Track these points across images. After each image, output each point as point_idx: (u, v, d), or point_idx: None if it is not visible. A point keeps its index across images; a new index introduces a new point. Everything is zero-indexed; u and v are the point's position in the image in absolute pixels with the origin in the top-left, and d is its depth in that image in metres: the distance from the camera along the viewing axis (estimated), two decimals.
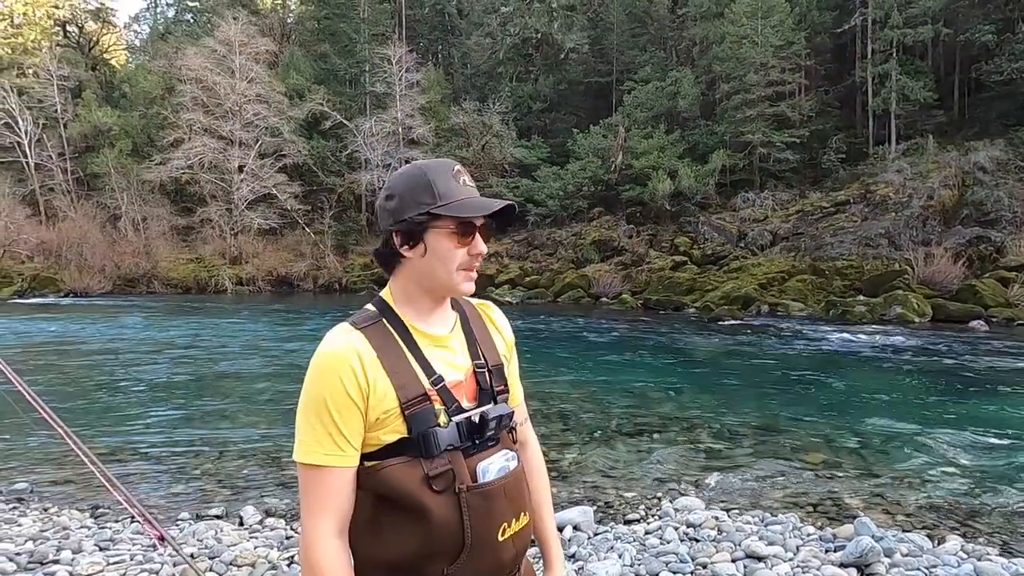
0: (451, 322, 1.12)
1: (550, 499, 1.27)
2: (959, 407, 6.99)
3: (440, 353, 1.06)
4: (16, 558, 3.11)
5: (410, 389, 1.00)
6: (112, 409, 7.00)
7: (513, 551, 1.04)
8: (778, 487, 4.37)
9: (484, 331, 1.15)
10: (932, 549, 3.11)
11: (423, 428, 0.98)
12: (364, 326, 1.03)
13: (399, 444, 0.99)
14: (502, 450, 1.06)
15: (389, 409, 0.98)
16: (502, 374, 1.13)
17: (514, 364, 1.22)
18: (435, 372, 1.03)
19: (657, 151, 25.42)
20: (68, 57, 37.10)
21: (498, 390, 1.10)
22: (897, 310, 15.48)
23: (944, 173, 20.50)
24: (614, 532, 3.37)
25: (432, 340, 1.07)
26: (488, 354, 1.12)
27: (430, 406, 1.00)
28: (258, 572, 2.98)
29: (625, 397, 7.63)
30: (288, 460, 5.07)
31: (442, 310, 1.11)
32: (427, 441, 0.98)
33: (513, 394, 1.18)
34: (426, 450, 0.98)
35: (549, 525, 1.25)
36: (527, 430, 1.25)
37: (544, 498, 1.24)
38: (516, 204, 1.09)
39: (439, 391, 1.02)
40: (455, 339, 1.10)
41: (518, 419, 1.17)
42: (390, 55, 29.18)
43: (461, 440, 1.01)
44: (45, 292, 25.16)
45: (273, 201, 29.46)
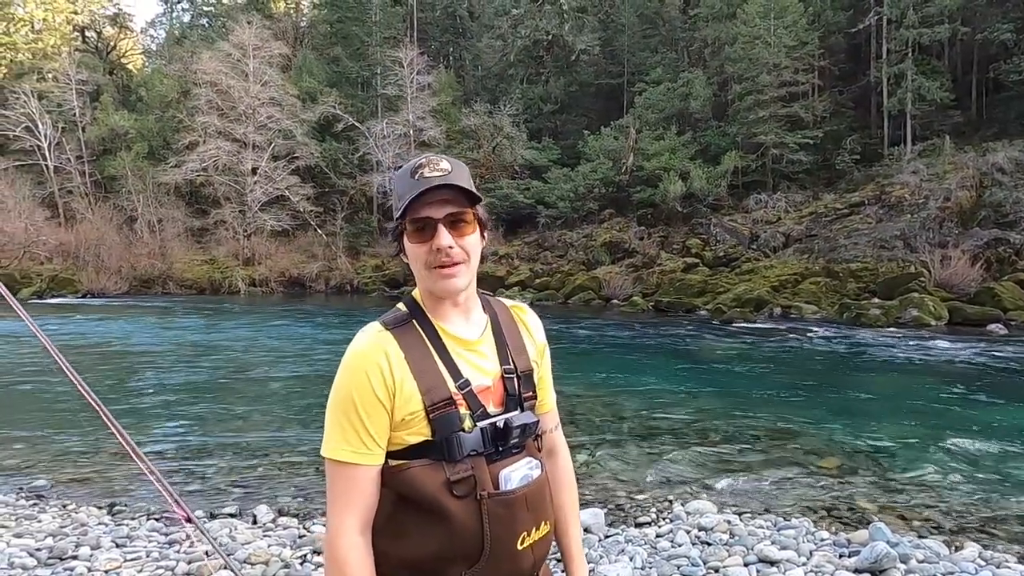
0: (481, 325, 1.10)
1: (578, 513, 1.23)
2: (977, 412, 6.86)
3: (469, 356, 1.06)
4: (36, 553, 3.17)
5: (436, 392, 0.99)
6: (127, 409, 7.10)
7: (532, 559, 1.03)
8: (791, 491, 4.31)
9: (516, 335, 1.13)
10: (949, 556, 3.05)
11: (447, 432, 0.98)
12: (394, 327, 1.03)
13: (423, 446, 0.99)
14: (526, 458, 1.05)
15: (415, 411, 0.98)
16: (531, 381, 1.11)
17: (545, 368, 1.19)
18: (462, 376, 1.02)
19: (668, 152, 25.30)
20: (86, 62, 37.79)
21: (526, 396, 1.09)
22: (913, 313, 15.23)
23: (961, 174, 20.16)
24: (625, 535, 3.35)
25: (462, 343, 1.06)
26: (518, 360, 1.10)
27: (455, 410, 1.00)
28: (271, 570, 3.01)
29: (636, 399, 7.58)
30: (300, 461, 5.11)
31: (467, 311, 1.09)
32: (450, 445, 0.98)
33: (543, 400, 1.17)
34: (449, 454, 0.98)
35: (575, 540, 1.20)
36: (557, 438, 1.21)
37: (571, 513, 1.20)
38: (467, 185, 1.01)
39: (465, 395, 1.01)
40: (485, 343, 1.08)
41: (548, 425, 1.17)
42: (401, 58, 29.35)
43: (485, 446, 1.00)
44: (63, 293, 25.59)
45: (286, 203, 29.75)
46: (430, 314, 1.06)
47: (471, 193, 1.02)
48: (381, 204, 30.60)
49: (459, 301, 1.07)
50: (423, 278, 1.05)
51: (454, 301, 1.07)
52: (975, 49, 24.04)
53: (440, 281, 1.02)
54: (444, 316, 1.07)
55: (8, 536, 3.39)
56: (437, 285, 1.03)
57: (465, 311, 1.08)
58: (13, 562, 3.06)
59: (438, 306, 1.07)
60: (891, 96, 23.77)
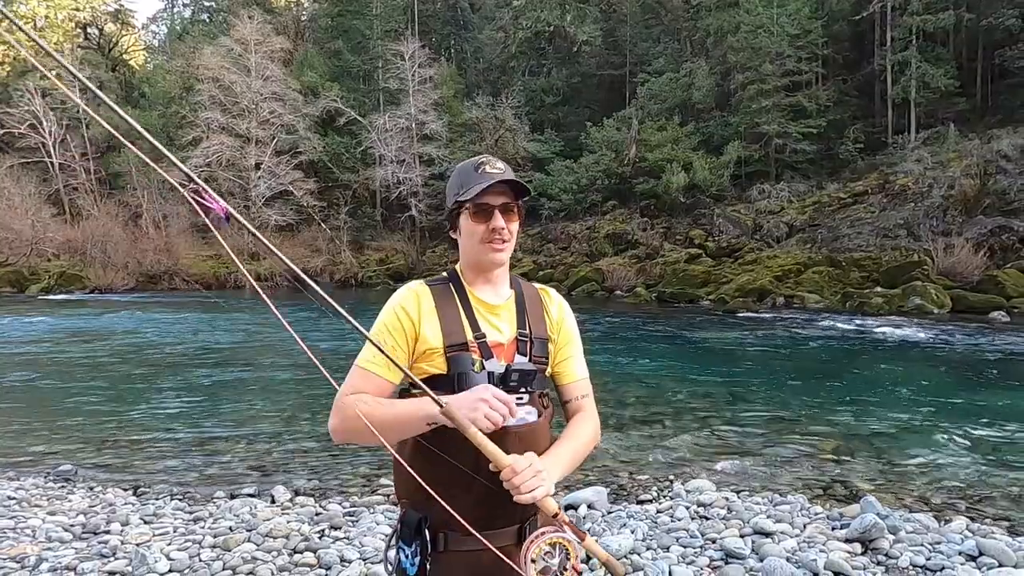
0: (505, 295, 1.33)
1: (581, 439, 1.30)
2: (975, 397, 6.94)
3: (490, 318, 1.28)
4: (71, 529, 3.33)
5: (454, 336, 1.23)
6: (144, 398, 7.26)
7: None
8: (789, 472, 4.42)
9: (537, 309, 1.34)
10: (937, 528, 3.15)
11: (459, 369, 1.20)
12: (432, 284, 1.30)
13: (438, 378, 1.20)
14: (526, 406, 1.24)
15: (435, 347, 1.22)
16: (544, 346, 1.31)
17: (565, 342, 1.35)
18: (479, 330, 1.25)
19: (671, 143, 25.26)
20: (89, 59, 37.91)
21: (536, 357, 1.28)
22: (915, 301, 15.26)
23: (966, 162, 20.08)
24: (627, 511, 3.47)
25: (486, 307, 1.29)
26: (534, 326, 1.31)
27: (468, 354, 1.22)
28: (292, 543, 3.14)
29: (639, 387, 7.69)
30: (312, 447, 5.25)
31: (495, 284, 1.33)
32: (460, 380, 1.19)
33: (563, 371, 1.34)
34: (459, 387, 1.18)
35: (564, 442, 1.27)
36: (584, 404, 1.35)
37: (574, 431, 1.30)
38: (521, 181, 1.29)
39: (479, 344, 1.23)
40: (506, 310, 1.31)
41: (573, 394, 1.34)
42: (403, 51, 29.31)
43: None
44: (71, 289, 25.81)
45: (289, 198, 29.86)
46: (465, 282, 1.31)
47: (521, 190, 1.29)
48: (384, 198, 30.67)
49: (493, 275, 1.32)
50: (475, 251, 1.29)
51: (488, 275, 1.30)
52: (980, 36, 23.86)
53: (491, 254, 1.27)
54: (476, 285, 1.31)
55: (42, 514, 3.54)
56: (487, 256, 1.28)
57: (495, 285, 1.33)
58: (50, 536, 3.21)
59: (474, 277, 1.32)
60: (895, 84, 23.64)
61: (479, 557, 1.14)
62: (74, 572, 2.85)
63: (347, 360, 1.25)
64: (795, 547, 2.94)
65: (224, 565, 2.91)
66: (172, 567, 2.87)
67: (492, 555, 1.10)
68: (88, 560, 2.94)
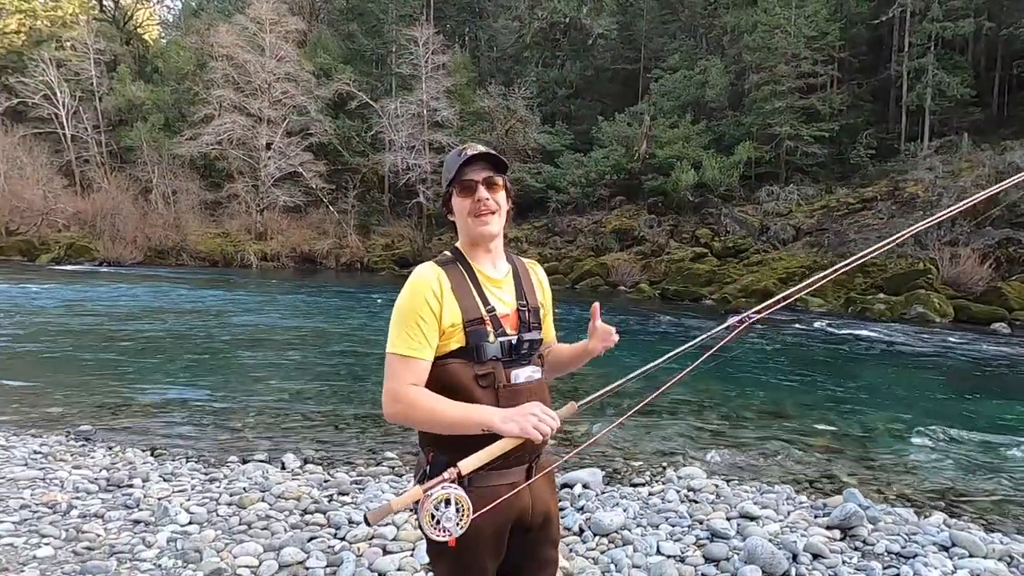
0: (504, 270, 1.51)
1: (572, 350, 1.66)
2: (967, 404, 7.08)
3: (495, 291, 1.46)
4: (96, 481, 3.54)
5: (471, 312, 1.40)
6: (157, 367, 7.47)
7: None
8: (778, 464, 4.58)
9: (529, 282, 1.55)
10: (916, 521, 3.31)
11: (477, 341, 1.38)
12: (443, 265, 1.44)
13: (460, 351, 1.38)
14: (532, 366, 1.47)
15: (455, 324, 1.38)
16: (538, 314, 1.53)
17: (549, 311, 1.63)
18: (490, 303, 1.43)
19: (682, 141, 25.22)
20: (104, 31, 37.89)
21: (533, 324, 1.49)
22: (918, 309, 15.34)
23: (977, 172, 20.03)
24: (620, 492, 3.65)
25: (491, 281, 1.47)
26: (529, 298, 1.52)
27: (483, 327, 1.40)
28: (303, 504, 3.33)
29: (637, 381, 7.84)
30: (320, 420, 5.44)
31: (494, 258, 1.50)
32: (479, 350, 1.38)
33: (547, 331, 1.61)
34: (478, 357, 1.38)
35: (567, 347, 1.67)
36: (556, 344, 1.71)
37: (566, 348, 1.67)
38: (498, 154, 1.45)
39: (491, 318, 1.41)
40: (507, 283, 1.50)
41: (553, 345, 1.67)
42: (417, 36, 29.26)
43: (503, 354, 1.41)
44: (80, 260, 26.12)
45: (298, 179, 29.99)
46: (468, 259, 1.47)
47: (500, 164, 1.45)
48: (393, 184, 30.78)
49: (490, 248, 1.47)
50: (466, 226, 1.45)
51: (486, 247, 1.47)
52: (999, 45, 23.67)
53: (479, 226, 1.43)
54: (479, 260, 1.47)
55: (68, 468, 3.75)
56: (476, 229, 1.43)
57: (493, 258, 1.49)
58: (78, 487, 3.41)
59: (475, 253, 1.47)
60: (910, 91, 23.51)
61: (497, 490, 1.34)
62: (102, 519, 3.05)
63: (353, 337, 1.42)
64: (778, 531, 3.11)
65: (240, 520, 3.10)
66: (192, 519, 3.07)
67: (507, 487, 1.35)
68: (114, 510, 3.14)
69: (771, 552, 2.76)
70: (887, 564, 2.84)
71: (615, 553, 2.87)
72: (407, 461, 4.32)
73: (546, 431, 1.29)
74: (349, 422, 5.41)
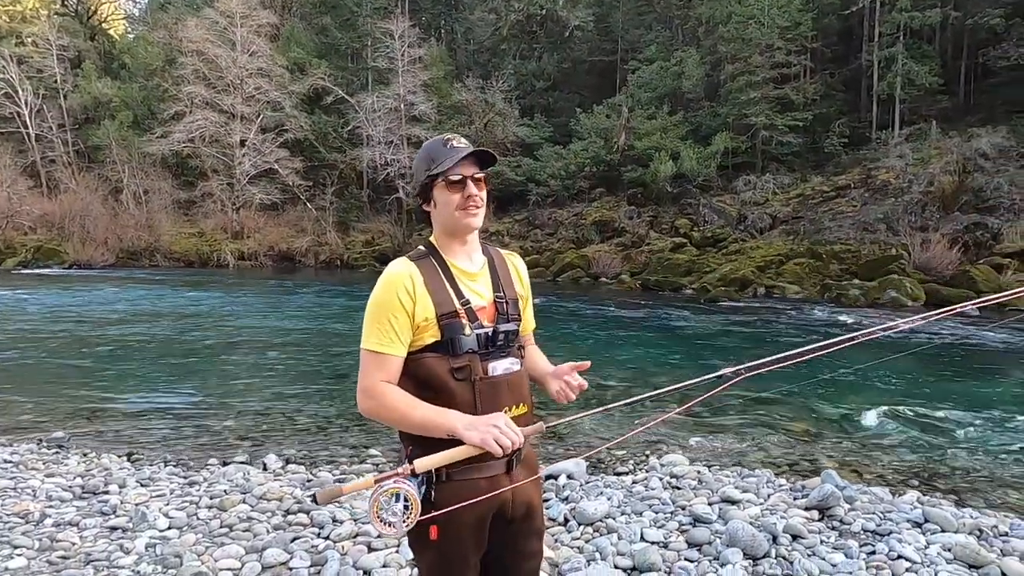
0: (480, 262, 1.50)
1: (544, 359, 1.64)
2: (937, 384, 7.29)
3: (470, 284, 1.45)
4: (70, 489, 3.44)
5: (445, 306, 1.39)
6: (131, 372, 7.30)
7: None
8: (759, 449, 4.67)
9: (507, 273, 1.54)
10: (891, 500, 3.41)
11: (451, 334, 1.37)
12: (416, 259, 1.43)
13: (435, 344, 1.38)
14: (510, 357, 1.46)
15: (429, 318, 1.38)
16: (517, 305, 1.51)
17: (529, 301, 1.60)
18: (464, 297, 1.42)
19: (660, 132, 25.39)
20: (67, 26, 36.68)
21: (511, 315, 1.47)
22: (891, 294, 15.72)
23: (945, 159, 20.54)
24: (604, 481, 3.68)
25: (465, 274, 1.45)
26: (507, 289, 1.50)
27: (458, 320, 1.39)
28: (285, 505, 3.29)
29: (621, 370, 7.92)
30: (301, 420, 5.38)
31: (469, 251, 1.48)
32: (454, 344, 1.37)
33: (526, 323, 1.58)
34: (453, 350, 1.37)
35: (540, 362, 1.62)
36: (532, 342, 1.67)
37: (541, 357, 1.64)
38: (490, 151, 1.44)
39: (466, 310, 1.40)
40: (483, 276, 1.48)
41: (531, 341, 1.64)
42: (392, 29, 28.89)
43: (479, 346, 1.40)
44: (49, 263, 25.38)
45: (275, 176, 29.49)
46: (442, 252, 1.45)
47: (486, 159, 1.44)
48: (371, 179, 30.43)
49: (467, 241, 1.46)
50: (451, 219, 1.43)
51: (462, 240, 1.45)
52: (965, 34, 24.24)
53: (467, 219, 1.43)
54: (453, 253, 1.45)
55: (40, 476, 3.65)
56: (463, 222, 1.43)
57: (469, 251, 1.48)
58: (51, 495, 3.32)
59: (449, 246, 1.46)
60: (881, 80, 23.97)
61: (476, 483, 1.35)
62: (77, 527, 2.97)
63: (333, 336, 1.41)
64: (758, 514, 3.16)
65: (221, 523, 3.05)
66: (171, 524, 3.01)
67: (486, 481, 1.35)
68: (90, 517, 3.06)
69: (752, 535, 2.81)
70: (863, 542, 2.91)
71: (600, 542, 2.90)
72: (391, 458, 4.30)
73: (507, 445, 1.27)
74: (331, 421, 5.36)
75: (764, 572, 2.63)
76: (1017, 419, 5.47)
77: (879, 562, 2.71)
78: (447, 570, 1.38)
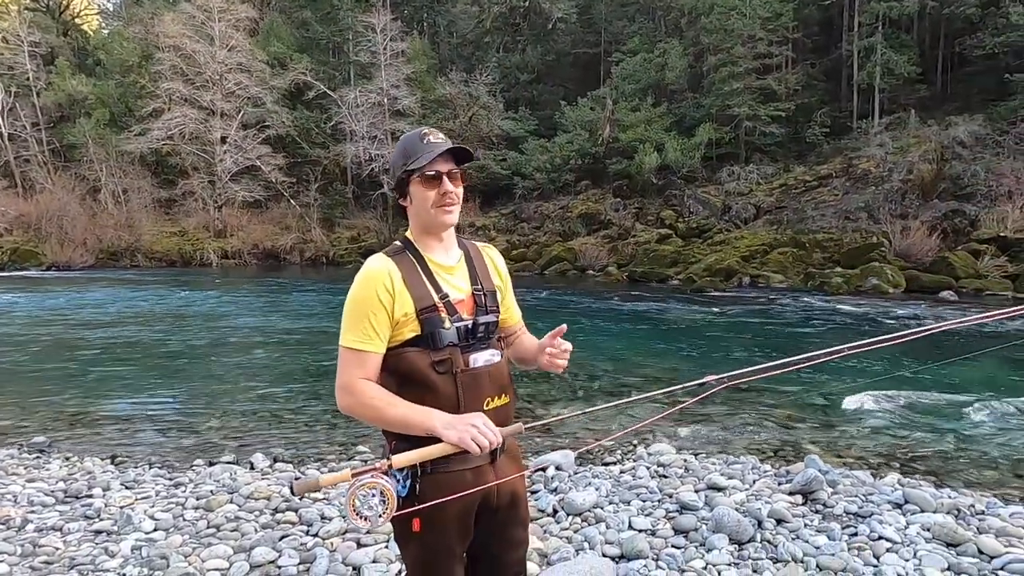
0: (456, 256, 1.50)
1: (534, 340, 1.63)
2: (917, 368, 7.44)
3: (448, 278, 1.46)
4: (53, 493, 3.39)
5: (423, 300, 1.39)
6: (114, 375, 7.19)
7: (495, 420, 1.39)
8: (744, 437, 4.74)
9: (483, 265, 1.54)
10: (872, 482, 3.48)
11: (431, 328, 1.38)
12: (393, 255, 1.44)
13: (415, 339, 1.38)
14: (490, 349, 1.46)
15: (408, 313, 1.38)
16: (495, 297, 1.52)
17: (508, 292, 1.60)
18: (442, 290, 1.42)
19: (644, 124, 25.45)
20: (38, 22, 35.70)
21: (490, 307, 1.47)
22: (872, 281, 15.98)
23: (924, 147, 20.87)
24: (592, 471, 3.71)
25: (443, 268, 1.46)
26: (484, 282, 1.51)
27: (437, 314, 1.39)
28: (273, 503, 3.27)
29: (608, 362, 7.97)
30: (289, 418, 5.35)
31: (446, 245, 1.49)
32: (434, 337, 1.38)
33: (510, 315, 1.60)
34: (433, 344, 1.37)
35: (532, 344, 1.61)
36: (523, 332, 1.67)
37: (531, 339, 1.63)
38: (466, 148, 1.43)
39: (444, 304, 1.41)
40: (460, 269, 1.49)
41: (516, 330, 1.64)
42: (374, 23, 28.57)
43: (459, 339, 1.40)
44: (26, 265, 24.86)
45: (257, 173, 29.09)
46: (419, 247, 1.46)
47: (463, 156, 1.44)
48: (356, 175, 30.16)
49: (443, 237, 1.46)
50: (428, 215, 1.43)
51: (439, 236, 1.45)
52: (942, 24, 24.58)
53: (443, 216, 1.43)
54: (430, 248, 1.46)
55: (21, 481, 3.59)
56: (439, 219, 1.43)
57: (446, 246, 1.48)
58: (32, 500, 3.27)
59: (426, 241, 1.46)
60: (861, 69, 24.25)
61: (462, 475, 1.35)
62: (60, 532, 2.93)
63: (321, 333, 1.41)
64: (744, 499, 3.22)
65: (208, 524, 3.03)
66: (157, 526, 2.98)
67: (472, 473, 1.36)
68: (73, 521, 3.02)
69: (737, 520, 2.86)
70: (846, 524, 2.97)
71: (588, 531, 2.92)
72: (380, 455, 4.29)
73: (484, 444, 1.28)
74: (319, 418, 5.33)
75: (749, 556, 2.68)
76: (992, 402, 5.61)
77: (861, 543, 2.77)
78: (433, 562, 1.39)
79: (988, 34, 21.70)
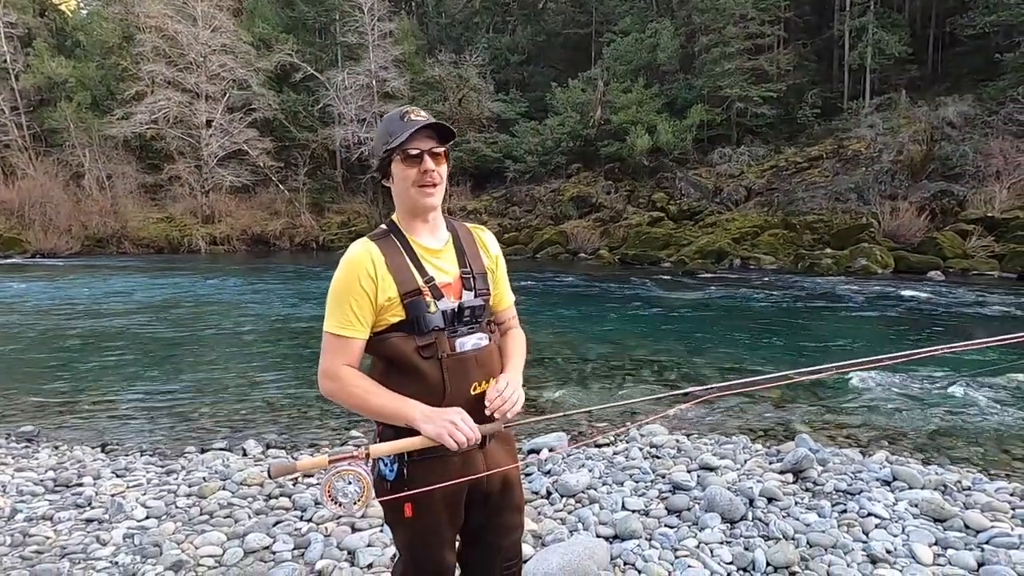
0: (444, 239, 1.46)
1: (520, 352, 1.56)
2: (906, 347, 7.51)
3: (434, 261, 1.42)
4: (42, 483, 3.36)
5: (407, 284, 1.36)
6: (103, 362, 7.11)
7: (482, 405, 1.37)
8: (736, 417, 4.78)
9: (473, 247, 1.50)
10: (861, 460, 3.53)
11: (416, 313, 1.36)
12: (376, 239, 1.41)
13: (400, 324, 1.36)
14: (478, 333, 1.43)
15: (392, 297, 1.35)
16: (485, 279, 1.48)
17: (500, 273, 1.54)
18: (428, 274, 1.39)
19: (636, 105, 25.26)
20: (14, 2, 34.61)
21: (479, 290, 1.43)
22: (862, 262, 16.11)
23: (914, 128, 20.91)
24: (586, 453, 3.74)
25: (428, 251, 1.42)
26: (473, 263, 1.47)
27: (422, 298, 1.37)
28: (267, 489, 3.26)
29: (600, 344, 7.99)
30: (282, 403, 5.32)
31: (432, 227, 1.45)
32: (419, 322, 1.35)
33: (501, 298, 1.54)
34: (418, 328, 1.36)
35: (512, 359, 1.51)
36: (513, 325, 1.60)
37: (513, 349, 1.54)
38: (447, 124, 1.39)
39: (430, 287, 1.38)
40: (447, 251, 1.45)
41: (506, 317, 1.57)
42: (361, 2, 28.00)
43: (445, 323, 1.38)
44: (10, 253, 24.46)
45: (244, 158, 28.63)
46: (404, 230, 1.42)
47: (445, 134, 1.39)
48: (345, 159, 29.78)
49: (428, 219, 1.42)
50: (408, 195, 1.38)
51: (424, 218, 1.41)
52: (933, 3, 24.46)
53: (423, 198, 1.38)
54: (416, 231, 1.42)
55: (9, 471, 3.55)
56: (420, 201, 1.39)
57: (432, 228, 1.44)
58: (22, 490, 3.24)
59: (412, 224, 1.42)
60: (852, 49, 24.13)
61: (449, 459, 1.34)
62: (51, 521, 2.91)
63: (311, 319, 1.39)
64: (735, 479, 3.25)
65: (201, 511, 3.02)
66: (149, 514, 2.96)
67: (460, 457, 1.34)
68: (64, 510, 3.00)
69: (729, 499, 2.88)
70: (835, 501, 3.02)
71: (582, 512, 2.94)
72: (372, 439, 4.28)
73: (461, 440, 1.27)
74: (311, 404, 5.31)
75: (741, 534, 2.71)
76: (978, 379, 5.70)
77: (850, 520, 2.81)
78: (423, 546, 1.39)
79: (979, 13, 21.64)
